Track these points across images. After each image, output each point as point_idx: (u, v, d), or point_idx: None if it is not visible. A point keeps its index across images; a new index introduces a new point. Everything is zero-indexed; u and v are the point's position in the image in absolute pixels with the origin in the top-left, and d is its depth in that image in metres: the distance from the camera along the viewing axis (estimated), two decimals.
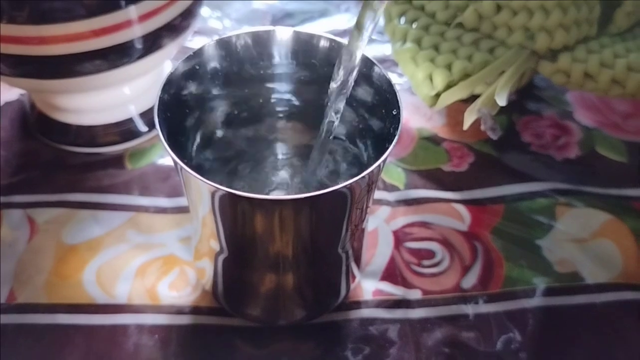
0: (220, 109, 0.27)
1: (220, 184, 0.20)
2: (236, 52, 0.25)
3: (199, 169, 0.24)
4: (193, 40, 0.40)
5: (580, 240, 0.32)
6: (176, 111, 0.24)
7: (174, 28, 0.32)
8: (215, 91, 0.26)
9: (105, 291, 0.29)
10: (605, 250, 0.31)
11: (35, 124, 0.36)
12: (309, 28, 0.42)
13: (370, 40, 0.42)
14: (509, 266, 0.31)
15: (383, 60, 0.40)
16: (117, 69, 0.31)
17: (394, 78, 0.39)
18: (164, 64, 0.35)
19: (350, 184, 0.21)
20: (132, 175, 0.34)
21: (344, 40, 0.24)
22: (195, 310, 0.28)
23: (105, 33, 0.29)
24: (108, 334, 0.27)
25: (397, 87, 0.23)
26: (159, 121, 0.22)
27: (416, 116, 0.37)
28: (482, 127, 0.29)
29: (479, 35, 0.34)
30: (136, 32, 0.30)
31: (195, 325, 0.28)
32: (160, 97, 0.23)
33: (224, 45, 0.25)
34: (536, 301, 0.29)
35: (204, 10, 0.42)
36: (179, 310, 0.28)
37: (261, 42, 0.25)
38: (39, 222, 0.31)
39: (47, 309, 0.28)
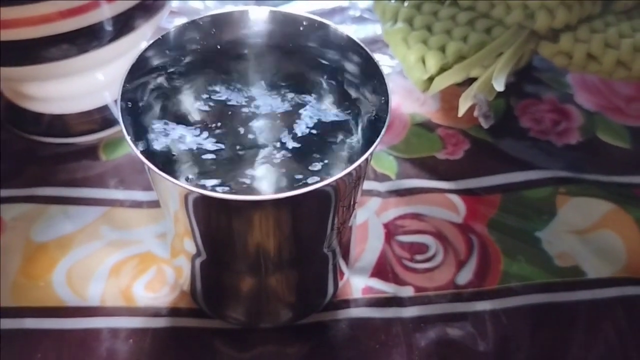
0: (191, 94, 0.25)
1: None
2: (209, 35, 0.23)
3: (167, 157, 0.22)
4: (173, 22, 0.38)
5: (582, 231, 0.30)
6: (143, 99, 0.22)
7: (147, 8, 0.30)
8: (186, 76, 0.24)
9: (76, 293, 0.27)
10: (608, 242, 0.30)
11: (4, 114, 0.34)
12: (294, 6, 0.40)
13: (361, 19, 0.40)
14: (506, 260, 0.29)
15: (374, 41, 0.38)
16: (87, 54, 0.29)
17: (385, 60, 0.37)
18: (139, 46, 0.33)
19: (335, 180, 0.19)
20: (106, 167, 0.32)
21: (323, 20, 0.22)
22: (173, 312, 0.27)
23: (72, 14, 0.27)
24: (79, 338, 0.26)
25: (384, 72, 0.21)
26: (123, 115, 0.20)
27: (409, 101, 0.35)
28: (476, 113, 0.27)
29: (475, 14, 0.32)
30: (105, 12, 0.28)
31: (173, 328, 0.26)
32: (123, 88, 0.21)
33: (195, 27, 0.23)
34: (535, 298, 0.28)
35: None
36: (155, 313, 0.27)
37: (235, 22, 0.23)
38: (6, 219, 0.29)
39: (14, 313, 0.26)
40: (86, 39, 0.28)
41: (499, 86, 0.27)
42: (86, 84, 0.32)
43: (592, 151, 0.33)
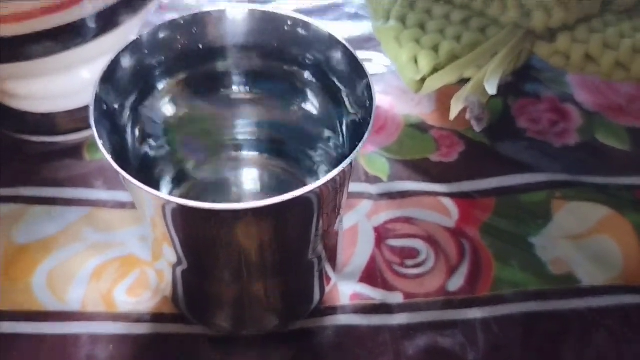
0: (170, 95, 0.24)
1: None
2: (186, 35, 0.23)
3: (145, 160, 0.22)
4: (164, 18, 0.37)
5: (577, 236, 0.29)
6: (118, 101, 0.22)
7: (131, 3, 0.29)
8: (164, 77, 0.23)
9: (56, 296, 0.26)
10: (604, 248, 0.29)
11: None
12: (290, 4, 0.39)
13: (356, 16, 0.39)
14: (498, 266, 0.28)
15: (369, 39, 0.37)
16: (71, 51, 0.28)
17: (380, 59, 0.36)
18: (124, 43, 0.32)
19: (318, 187, 0.18)
20: (90, 167, 0.31)
21: (302, 17, 0.21)
22: (155, 317, 0.26)
23: (54, 11, 0.26)
24: (58, 344, 0.25)
25: (371, 72, 0.21)
26: (97, 119, 0.19)
27: (403, 101, 0.34)
28: (468, 116, 0.26)
29: (469, 13, 0.31)
30: (88, 9, 0.27)
31: (154, 334, 0.26)
32: (96, 94, 0.20)
33: (172, 28, 0.22)
34: (527, 306, 0.27)
35: None
36: (137, 318, 0.26)
37: (216, 22, 0.22)
38: None
39: None
40: (69, 36, 0.27)
41: (492, 89, 0.26)
42: (71, 81, 0.31)
43: (591, 152, 0.32)
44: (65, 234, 0.28)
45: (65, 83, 0.31)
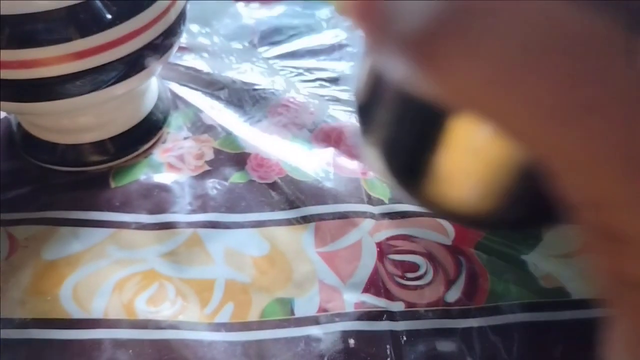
0: None
1: None
2: None
3: None
4: (182, 57, 0.40)
5: (565, 255, 0.31)
6: None
7: (156, 47, 0.32)
8: None
9: (81, 306, 0.28)
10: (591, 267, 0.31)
11: (21, 143, 0.36)
12: (297, 43, 0.43)
13: (359, 56, 0.42)
14: (493, 280, 0.30)
15: None
16: (100, 90, 0.31)
17: None
18: (149, 81, 0.36)
19: None
20: (115, 192, 0.33)
21: None
22: (172, 325, 0.28)
23: (85, 56, 0.29)
24: (82, 348, 0.27)
25: None
26: None
27: None
28: None
29: None
30: (117, 53, 0.30)
31: (172, 340, 0.27)
32: None
33: None
34: (521, 316, 0.29)
35: (193, 27, 0.43)
36: (156, 325, 0.28)
37: None
38: (19, 239, 0.31)
39: (21, 324, 0.27)
40: (98, 78, 0.30)
41: None
42: (98, 116, 0.34)
43: None
44: (90, 251, 0.31)
45: (93, 117, 0.34)
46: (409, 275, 0.30)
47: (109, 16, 0.29)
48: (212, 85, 0.40)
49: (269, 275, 0.30)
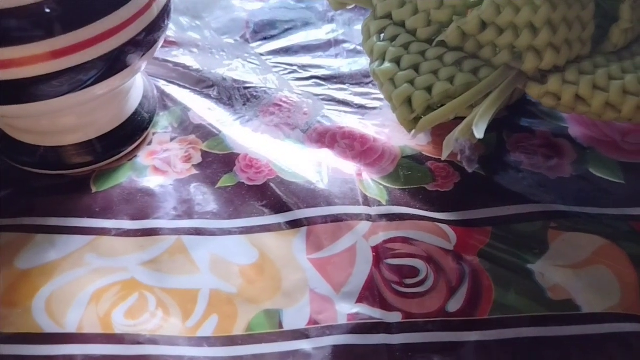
0: None
1: None
2: None
3: None
4: (171, 52, 0.39)
5: (574, 265, 0.29)
6: None
7: (139, 44, 0.30)
8: None
9: (54, 319, 0.26)
10: (601, 277, 0.28)
11: (1, 145, 0.34)
12: (291, 39, 0.41)
13: (355, 52, 0.40)
14: (498, 291, 0.28)
15: (366, 75, 0.38)
16: (80, 91, 0.29)
17: (377, 94, 0.37)
18: (133, 80, 0.34)
19: None
20: (95, 198, 0.32)
21: None
22: (150, 340, 0.26)
23: (63, 54, 0.27)
24: None
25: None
26: None
27: (400, 134, 0.35)
28: (459, 158, 0.27)
29: (462, 55, 0.32)
30: (96, 51, 0.28)
31: (149, 356, 0.25)
32: None
33: None
34: (527, 331, 0.26)
35: (183, 20, 0.41)
36: (133, 340, 0.26)
37: None
38: None
39: None
40: (77, 77, 0.28)
41: (479, 133, 0.27)
42: (79, 117, 0.33)
43: (585, 184, 0.33)
44: (67, 260, 0.29)
45: (75, 118, 0.33)
46: (408, 281, 0.28)
47: (87, 12, 0.28)
48: (201, 83, 0.38)
49: (256, 285, 0.28)
